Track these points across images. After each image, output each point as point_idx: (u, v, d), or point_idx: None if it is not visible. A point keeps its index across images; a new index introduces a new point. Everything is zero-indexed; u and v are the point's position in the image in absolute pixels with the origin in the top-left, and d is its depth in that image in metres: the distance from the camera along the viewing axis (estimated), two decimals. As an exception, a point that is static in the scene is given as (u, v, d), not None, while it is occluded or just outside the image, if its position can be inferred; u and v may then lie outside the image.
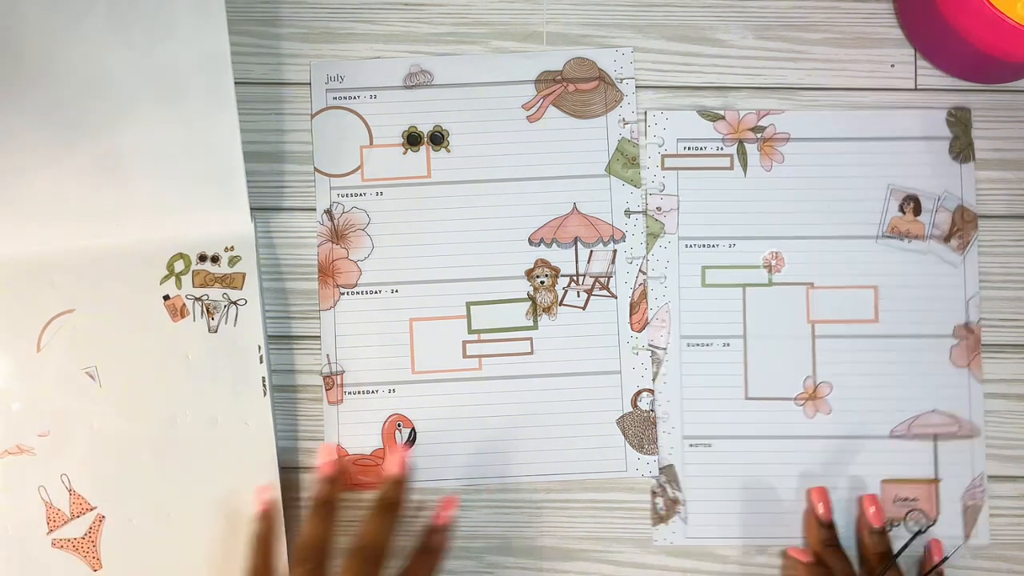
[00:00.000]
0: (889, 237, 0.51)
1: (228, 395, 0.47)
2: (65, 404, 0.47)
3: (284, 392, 0.50)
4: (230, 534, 0.47)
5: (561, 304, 0.51)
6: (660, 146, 0.51)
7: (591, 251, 0.51)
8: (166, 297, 0.48)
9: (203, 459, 0.47)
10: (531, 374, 0.50)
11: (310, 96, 0.51)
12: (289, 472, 0.49)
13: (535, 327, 0.50)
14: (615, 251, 0.51)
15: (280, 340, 0.50)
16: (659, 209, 0.51)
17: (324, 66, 0.51)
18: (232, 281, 0.48)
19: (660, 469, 0.50)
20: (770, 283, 0.50)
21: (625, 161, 0.51)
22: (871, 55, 0.51)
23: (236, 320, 0.48)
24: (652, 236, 0.51)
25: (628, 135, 0.51)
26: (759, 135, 0.51)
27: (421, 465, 0.50)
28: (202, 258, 0.48)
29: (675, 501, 0.49)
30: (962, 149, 0.51)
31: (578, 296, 0.51)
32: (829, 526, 0.48)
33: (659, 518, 0.49)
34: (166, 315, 0.48)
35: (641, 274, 0.51)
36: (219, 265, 0.48)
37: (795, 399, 0.50)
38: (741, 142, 0.51)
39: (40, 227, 0.47)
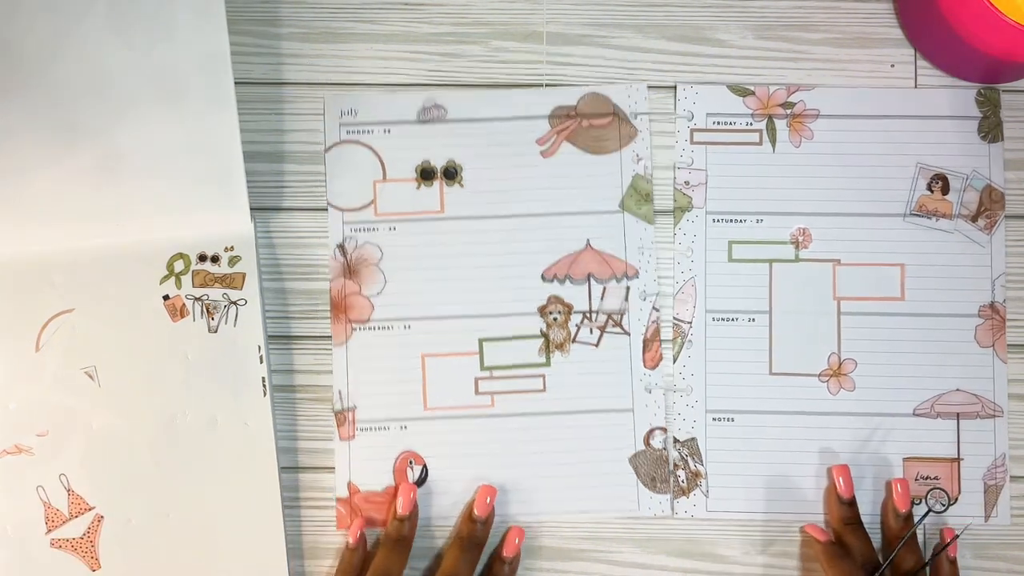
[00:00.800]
0: (917, 215, 0.51)
1: (228, 395, 0.47)
2: (64, 404, 0.47)
3: (284, 392, 0.50)
4: (229, 535, 0.47)
5: (574, 341, 0.50)
6: (689, 120, 0.51)
7: (604, 288, 0.51)
8: (166, 297, 0.48)
9: (202, 459, 0.47)
10: (543, 411, 0.50)
11: (323, 130, 0.51)
12: (288, 472, 0.49)
13: (548, 364, 0.50)
14: (628, 288, 0.51)
15: (280, 340, 0.50)
16: (687, 184, 0.51)
17: (338, 100, 0.51)
18: (232, 281, 0.48)
19: (683, 442, 0.50)
20: (797, 259, 0.51)
21: (639, 197, 0.51)
22: (871, 55, 0.52)
23: (236, 320, 0.48)
24: (680, 210, 0.51)
25: (642, 171, 0.51)
26: (789, 111, 0.51)
27: (432, 502, 0.50)
28: (202, 258, 0.48)
29: (697, 474, 0.50)
30: (991, 128, 0.51)
31: (591, 333, 0.51)
32: (850, 504, 0.48)
33: (680, 491, 0.50)
34: (166, 315, 0.48)
35: (655, 311, 0.51)
36: (219, 265, 0.48)
37: (819, 375, 0.50)
38: (771, 118, 0.51)
39: (40, 227, 0.47)
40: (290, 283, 0.50)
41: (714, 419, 0.50)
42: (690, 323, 0.51)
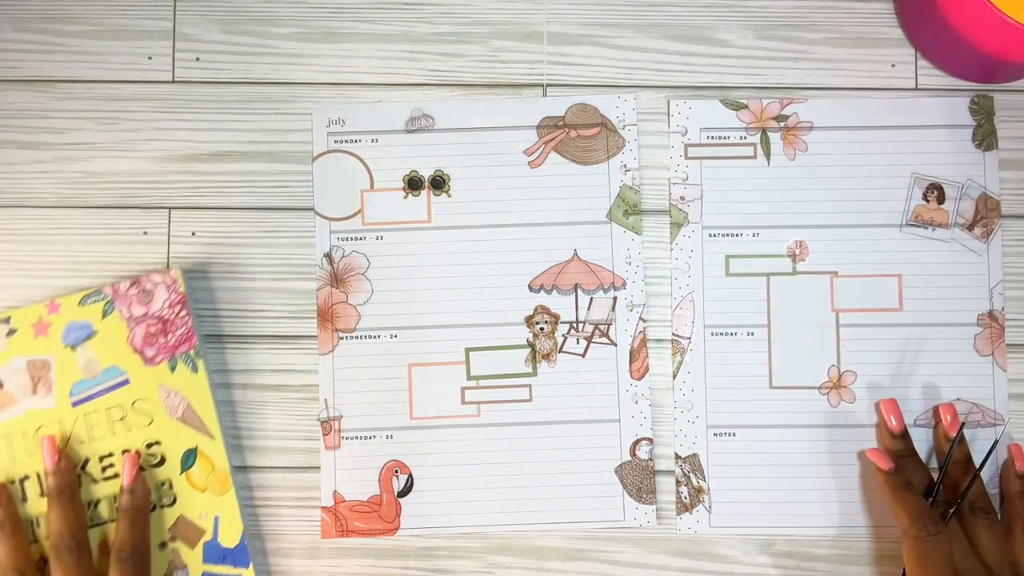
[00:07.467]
0: (913, 225, 0.56)
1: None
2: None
3: (281, 392, 0.56)
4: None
5: (560, 351, 0.56)
6: (683, 135, 0.57)
7: (591, 298, 0.56)
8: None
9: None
10: (530, 421, 0.56)
11: (311, 139, 0.57)
12: (286, 472, 0.56)
13: (534, 374, 0.56)
14: (615, 298, 0.56)
15: (278, 340, 0.57)
16: (682, 199, 0.56)
17: (326, 109, 0.57)
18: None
19: (685, 458, 0.56)
20: (794, 272, 0.56)
21: (627, 208, 0.56)
22: (871, 55, 0.57)
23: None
24: (675, 226, 0.56)
25: (630, 182, 0.57)
26: (782, 124, 0.57)
27: (418, 512, 0.55)
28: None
29: (699, 490, 0.55)
30: (985, 136, 0.57)
31: (578, 343, 0.56)
32: (903, 436, 0.53)
33: (683, 507, 0.55)
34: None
35: (642, 322, 0.56)
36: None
37: (819, 388, 0.56)
38: (764, 131, 0.57)
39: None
40: (290, 283, 0.57)
41: (715, 434, 0.56)
42: (689, 339, 0.56)
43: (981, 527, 0.50)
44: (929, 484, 0.52)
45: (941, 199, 0.57)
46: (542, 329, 0.56)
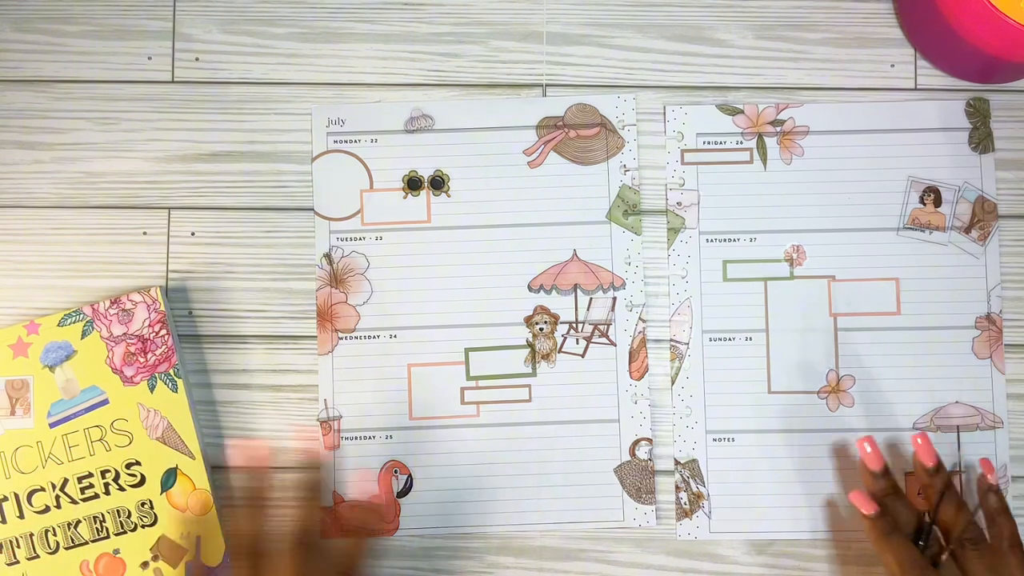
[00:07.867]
0: (910, 229, 0.57)
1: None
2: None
3: (281, 392, 0.57)
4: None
5: (560, 351, 0.57)
6: (679, 141, 0.58)
7: (591, 298, 0.57)
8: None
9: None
10: (529, 421, 0.56)
11: (311, 139, 0.58)
12: (285, 472, 0.56)
13: (534, 374, 0.56)
14: (615, 298, 0.57)
15: (278, 340, 0.57)
16: (679, 204, 0.57)
17: (325, 110, 0.58)
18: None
19: (684, 463, 0.56)
20: (791, 277, 0.57)
21: (626, 208, 0.57)
22: (871, 55, 0.58)
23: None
24: (672, 231, 0.57)
25: (629, 182, 0.57)
26: (778, 128, 0.57)
27: (418, 512, 0.56)
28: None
29: (699, 495, 0.56)
30: (981, 139, 0.57)
31: (577, 343, 0.56)
32: (884, 474, 0.52)
33: (683, 512, 0.56)
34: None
35: (641, 322, 0.57)
36: None
37: (818, 392, 0.56)
38: (761, 136, 0.57)
39: None
40: (290, 283, 0.58)
41: (714, 440, 0.56)
42: (687, 344, 0.56)
43: (973, 560, 0.50)
44: (915, 519, 0.51)
45: (938, 202, 0.57)
46: (541, 329, 0.57)
